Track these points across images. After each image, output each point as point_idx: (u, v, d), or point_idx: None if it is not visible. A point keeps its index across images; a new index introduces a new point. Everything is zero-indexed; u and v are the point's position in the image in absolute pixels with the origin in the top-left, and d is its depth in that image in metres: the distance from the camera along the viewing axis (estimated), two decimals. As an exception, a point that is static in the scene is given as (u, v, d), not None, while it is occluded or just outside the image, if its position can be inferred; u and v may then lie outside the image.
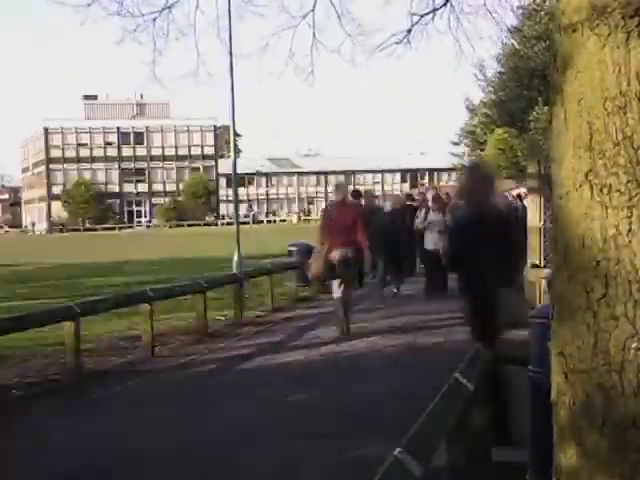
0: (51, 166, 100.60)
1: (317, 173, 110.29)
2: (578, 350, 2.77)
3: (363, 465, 4.96)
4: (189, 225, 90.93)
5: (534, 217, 12.03)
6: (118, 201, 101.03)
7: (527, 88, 45.21)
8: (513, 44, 45.78)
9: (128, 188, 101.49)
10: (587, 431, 2.74)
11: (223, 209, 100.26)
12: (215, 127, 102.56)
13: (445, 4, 8.54)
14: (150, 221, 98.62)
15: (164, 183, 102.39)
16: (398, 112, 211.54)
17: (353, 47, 8.76)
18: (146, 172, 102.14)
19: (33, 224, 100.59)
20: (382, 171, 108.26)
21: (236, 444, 6.38)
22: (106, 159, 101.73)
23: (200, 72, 8.74)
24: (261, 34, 8.85)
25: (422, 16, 8.46)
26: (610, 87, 2.68)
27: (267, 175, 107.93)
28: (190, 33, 8.06)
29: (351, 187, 17.45)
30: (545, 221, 11.12)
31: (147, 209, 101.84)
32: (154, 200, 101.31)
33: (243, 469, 5.82)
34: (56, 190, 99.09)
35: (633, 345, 2.66)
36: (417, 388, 7.27)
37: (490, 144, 49.51)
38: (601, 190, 2.70)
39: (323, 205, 53.60)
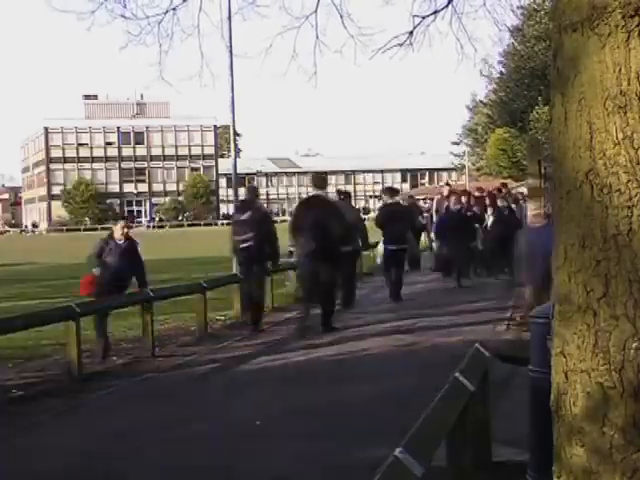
0: (51, 166, 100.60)
1: (317, 173, 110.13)
2: (578, 350, 2.77)
3: (363, 466, 4.96)
4: (189, 225, 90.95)
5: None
6: (118, 201, 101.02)
7: (527, 88, 45.24)
8: (513, 44, 45.82)
9: (128, 188, 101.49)
10: (587, 431, 2.74)
11: (223, 209, 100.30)
12: (215, 127, 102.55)
13: (447, 5, 8.52)
14: (150, 221, 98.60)
15: (164, 183, 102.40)
16: (398, 112, 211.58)
17: (355, 48, 8.72)
18: (146, 172, 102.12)
19: (34, 225, 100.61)
20: (382, 171, 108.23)
21: (236, 445, 6.38)
22: (106, 159, 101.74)
23: (204, 73, 8.72)
24: (263, 35, 8.83)
25: (424, 18, 8.44)
26: (610, 87, 2.68)
27: (267, 175, 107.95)
28: (194, 34, 8.06)
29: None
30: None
31: (147, 209, 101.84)
32: (154, 200, 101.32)
33: (242, 470, 5.82)
34: (56, 190, 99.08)
35: (633, 345, 2.66)
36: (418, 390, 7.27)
37: (491, 144, 49.53)
38: (601, 190, 2.70)
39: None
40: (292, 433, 6.57)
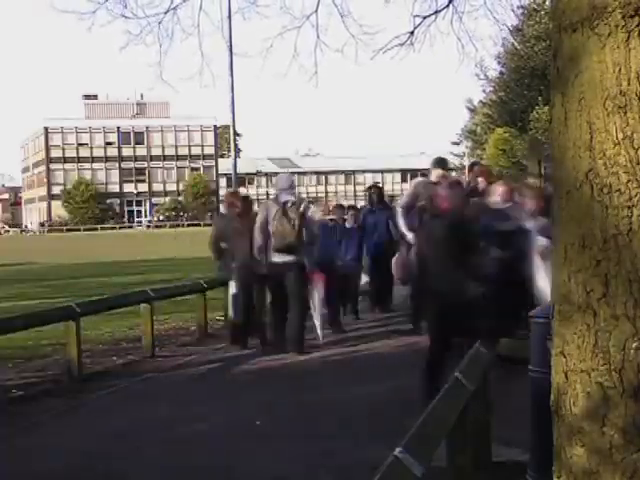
0: (51, 166, 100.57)
1: (317, 173, 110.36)
2: (578, 350, 2.77)
3: (363, 466, 4.96)
4: (189, 225, 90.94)
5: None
6: (118, 201, 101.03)
7: (527, 88, 45.24)
8: (513, 44, 45.80)
9: (128, 188, 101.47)
10: (587, 431, 2.74)
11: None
12: (215, 127, 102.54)
13: (448, 5, 8.52)
14: (150, 221, 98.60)
15: (164, 183, 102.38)
16: (398, 112, 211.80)
17: (356, 48, 8.71)
18: (146, 172, 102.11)
19: (26, 227, 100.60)
20: (382, 171, 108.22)
21: (236, 445, 6.37)
22: (106, 159, 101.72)
23: (204, 73, 8.74)
24: (264, 35, 8.84)
25: (425, 18, 8.44)
26: (610, 87, 2.68)
27: (267, 175, 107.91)
28: (194, 34, 8.08)
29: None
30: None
31: (147, 209, 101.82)
32: (154, 200, 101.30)
33: (242, 470, 5.82)
34: (56, 190, 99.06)
35: (633, 345, 2.66)
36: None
37: (490, 144, 49.55)
38: (601, 190, 2.70)
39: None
40: (292, 433, 6.57)
